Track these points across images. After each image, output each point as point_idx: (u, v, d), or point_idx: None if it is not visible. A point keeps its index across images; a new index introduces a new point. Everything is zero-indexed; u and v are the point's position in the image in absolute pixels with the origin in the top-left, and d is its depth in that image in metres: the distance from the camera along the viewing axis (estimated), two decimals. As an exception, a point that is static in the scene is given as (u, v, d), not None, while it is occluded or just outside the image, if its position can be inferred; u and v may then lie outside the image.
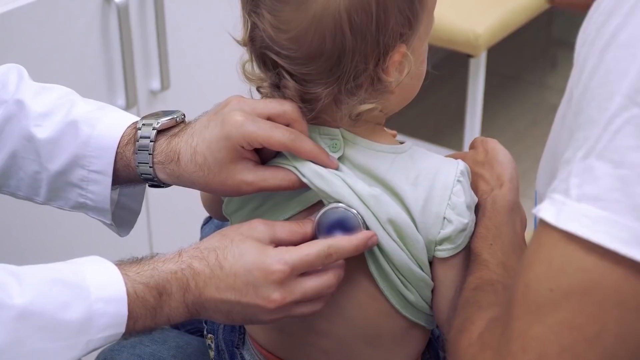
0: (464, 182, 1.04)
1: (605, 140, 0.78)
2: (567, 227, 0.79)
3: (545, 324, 0.80)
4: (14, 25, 1.70)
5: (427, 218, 1.04)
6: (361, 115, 1.02)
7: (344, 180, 1.03)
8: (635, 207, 0.76)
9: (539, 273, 0.81)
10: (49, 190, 1.18)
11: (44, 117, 1.16)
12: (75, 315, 0.95)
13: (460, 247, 1.05)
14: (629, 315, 0.78)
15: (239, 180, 1.05)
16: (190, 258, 1.01)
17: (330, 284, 1.02)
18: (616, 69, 0.78)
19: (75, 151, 1.14)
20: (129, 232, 1.24)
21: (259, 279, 0.99)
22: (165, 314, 1.00)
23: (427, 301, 1.09)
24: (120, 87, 1.91)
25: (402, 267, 1.05)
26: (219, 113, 1.05)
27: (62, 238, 1.90)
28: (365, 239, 1.02)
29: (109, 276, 0.98)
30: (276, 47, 0.98)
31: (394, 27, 0.98)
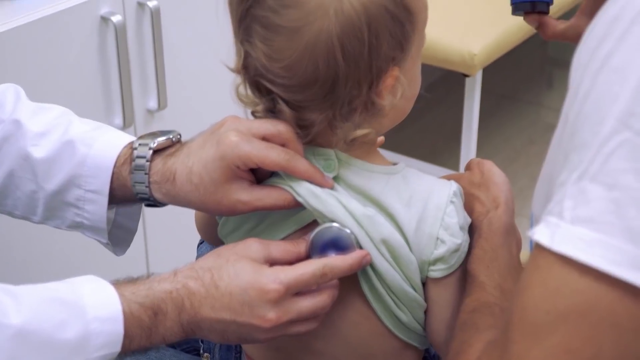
0: (457, 202, 1.05)
1: (598, 163, 0.79)
2: (562, 249, 0.79)
3: (542, 347, 0.80)
4: (12, 44, 1.70)
5: (421, 238, 1.04)
6: (356, 140, 1.02)
7: (339, 199, 1.03)
8: (629, 229, 0.77)
9: (535, 296, 0.82)
10: (46, 210, 1.18)
11: (40, 136, 1.16)
12: (72, 335, 0.95)
13: (453, 268, 1.06)
14: (624, 337, 0.79)
15: (234, 199, 1.05)
16: (186, 278, 1.02)
17: (325, 304, 1.03)
18: (608, 92, 0.79)
19: (71, 171, 1.14)
20: (125, 252, 1.24)
21: (255, 299, 1.00)
22: (160, 333, 1.01)
23: (420, 322, 1.09)
24: (118, 106, 1.92)
25: (395, 288, 1.06)
26: (214, 133, 1.06)
27: (59, 256, 1.90)
28: (360, 259, 1.03)
29: (105, 295, 0.99)
30: (270, 75, 0.99)
31: (386, 51, 0.99)
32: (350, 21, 0.97)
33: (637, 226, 0.76)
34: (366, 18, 0.97)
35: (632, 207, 0.77)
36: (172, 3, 1.96)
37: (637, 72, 0.77)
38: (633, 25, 0.79)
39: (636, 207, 0.76)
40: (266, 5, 0.98)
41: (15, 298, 0.95)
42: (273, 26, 0.98)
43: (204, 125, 1.13)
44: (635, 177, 0.77)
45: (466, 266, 1.07)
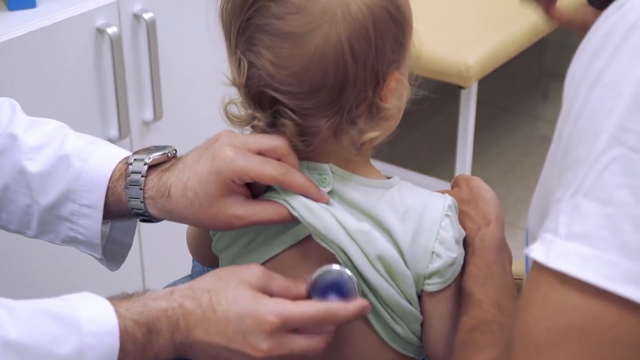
0: (452, 216, 1.05)
1: (591, 178, 0.79)
2: (557, 266, 0.79)
3: None
4: (7, 56, 1.70)
5: (416, 252, 1.04)
6: (365, 144, 1.02)
7: (334, 215, 1.03)
8: (624, 244, 0.77)
9: (536, 314, 0.82)
10: (40, 224, 1.18)
11: (36, 150, 1.16)
12: (68, 350, 0.95)
13: (449, 281, 1.06)
14: (626, 353, 0.79)
15: (229, 214, 1.05)
16: (182, 297, 1.01)
17: (318, 348, 1.03)
18: (602, 108, 0.79)
19: (66, 185, 1.14)
20: (119, 267, 1.24)
21: (250, 327, 0.99)
22: (153, 350, 1.00)
23: (417, 334, 1.09)
24: (113, 117, 1.92)
25: (390, 302, 1.05)
26: (209, 148, 1.06)
27: (54, 271, 1.89)
28: (360, 309, 1.02)
29: (101, 310, 0.98)
30: (276, 83, 0.99)
31: (389, 54, 1.00)
32: (358, 23, 0.97)
33: (632, 241, 0.77)
34: (372, 19, 0.98)
35: (626, 222, 0.77)
36: (168, 15, 1.96)
37: (630, 87, 0.78)
38: (625, 40, 0.80)
39: (631, 222, 0.77)
40: (269, 13, 0.98)
41: (11, 312, 0.95)
42: (279, 33, 0.98)
43: (200, 136, 1.13)
44: (629, 193, 0.77)
45: (461, 284, 1.07)
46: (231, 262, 1.11)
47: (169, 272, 1.63)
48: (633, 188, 0.77)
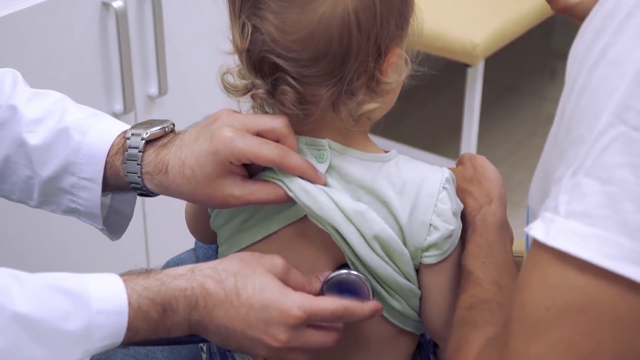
0: (449, 189, 1.06)
1: (593, 157, 0.79)
2: (557, 244, 0.79)
3: (542, 344, 0.80)
4: (12, 29, 1.70)
5: (414, 225, 1.05)
6: (364, 115, 1.02)
7: (330, 196, 1.03)
8: (624, 223, 0.77)
9: (535, 292, 0.82)
10: (41, 195, 1.18)
11: (36, 123, 1.16)
12: (76, 327, 0.96)
13: (446, 254, 1.06)
14: (625, 333, 0.79)
15: (226, 193, 1.06)
16: (204, 277, 1.01)
17: (331, 343, 1.04)
18: (604, 86, 0.79)
19: (66, 158, 1.15)
20: (120, 236, 1.25)
21: (274, 318, 1.00)
22: (166, 328, 1.01)
23: (415, 309, 1.10)
24: (118, 92, 1.91)
25: (387, 280, 1.06)
26: (208, 127, 1.06)
27: (59, 242, 1.90)
28: (374, 310, 1.05)
29: (112, 288, 0.99)
30: (279, 49, 0.99)
31: (393, 28, 1.00)
32: None
33: (633, 220, 0.76)
34: None
35: (627, 201, 0.77)
36: (174, -11, 1.96)
37: (633, 65, 0.77)
38: (629, 18, 0.79)
39: (632, 201, 0.76)
40: None
41: (22, 285, 0.95)
42: None
43: (204, 112, 1.13)
44: (631, 171, 0.77)
45: (461, 261, 1.07)
46: (229, 238, 1.12)
47: (172, 245, 1.63)
48: (634, 167, 0.77)
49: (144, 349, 1.25)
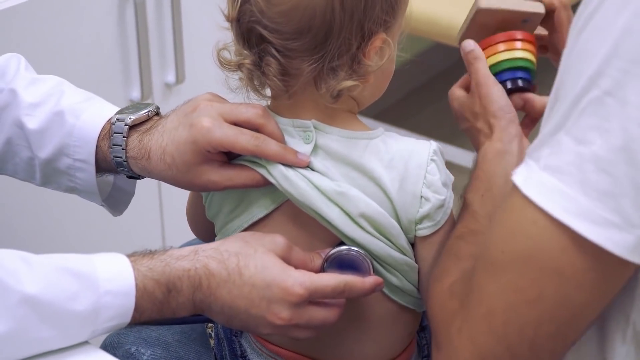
0: (437, 160, 1.08)
1: (573, 117, 0.83)
2: (528, 192, 0.85)
3: (496, 283, 0.87)
4: (31, 18, 1.72)
5: (405, 198, 1.07)
6: (342, 93, 1.05)
7: (310, 180, 1.06)
8: (584, 181, 0.81)
9: (497, 234, 0.88)
10: (43, 176, 1.23)
11: (34, 107, 1.21)
12: (83, 307, 0.99)
13: (439, 224, 1.09)
14: (565, 285, 0.84)
15: (205, 179, 1.10)
16: (207, 258, 1.04)
17: (332, 319, 1.07)
18: (587, 50, 0.83)
19: (61, 140, 1.19)
20: (122, 212, 1.29)
21: (276, 296, 1.03)
22: (171, 308, 1.04)
23: (414, 284, 1.12)
24: (136, 79, 1.94)
25: (382, 256, 1.09)
26: (188, 116, 1.10)
27: (75, 224, 1.92)
28: (375, 285, 1.07)
29: (119, 269, 1.02)
30: (266, 20, 1.02)
31: (379, 12, 1.03)
32: None
33: (591, 180, 0.81)
34: None
35: (590, 162, 0.81)
36: (192, -22, 1.98)
37: (613, 34, 0.81)
38: None
39: (593, 162, 0.81)
40: None
41: (30, 266, 0.98)
42: None
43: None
44: (598, 134, 0.81)
45: (463, 195, 1.10)
46: (222, 227, 1.15)
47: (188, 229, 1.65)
48: (601, 130, 0.81)
49: (155, 332, 1.28)
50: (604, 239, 0.81)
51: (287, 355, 1.15)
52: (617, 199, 0.80)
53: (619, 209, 0.81)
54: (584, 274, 0.84)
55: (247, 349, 1.19)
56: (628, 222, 0.81)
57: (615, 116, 0.80)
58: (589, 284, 0.84)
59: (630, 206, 0.80)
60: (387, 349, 1.16)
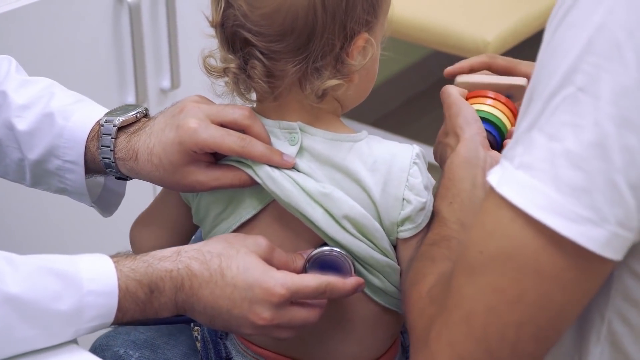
0: (420, 164, 1.09)
1: (547, 114, 0.83)
2: (502, 191, 0.84)
3: (475, 284, 0.87)
4: (26, 22, 1.73)
5: (388, 200, 1.08)
6: (327, 92, 1.06)
7: (296, 181, 1.07)
8: (556, 177, 0.82)
9: (475, 235, 0.88)
10: (33, 177, 1.24)
11: (24, 109, 1.21)
12: (66, 307, 0.99)
13: (421, 226, 1.10)
14: (546, 285, 0.84)
15: (192, 180, 1.11)
16: (190, 259, 1.05)
17: (313, 319, 1.08)
18: (560, 48, 0.84)
19: (50, 142, 1.20)
20: (112, 213, 1.30)
21: (258, 296, 1.04)
22: (154, 308, 1.05)
23: (396, 285, 1.13)
24: (131, 85, 1.95)
25: (364, 257, 1.10)
26: (175, 117, 1.11)
27: (67, 226, 1.93)
28: (356, 286, 1.08)
29: (102, 269, 1.03)
30: (249, 23, 1.03)
31: (360, 12, 1.04)
32: None
33: (564, 176, 0.81)
34: None
35: (562, 157, 0.81)
36: (187, -16, 1.99)
37: (587, 30, 0.82)
38: None
39: (566, 158, 0.81)
40: None
41: (14, 266, 0.99)
42: None
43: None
44: (571, 130, 0.81)
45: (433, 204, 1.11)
46: (210, 230, 1.16)
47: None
48: (574, 126, 0.81)
49: (144, 334, 1.29)
50: (578, 234, 0.81)
51: (270, 357, 1.16)
52: (591, 194, 0.81)
53: (592, 205, 0.81)
54: (564, 273, 0.84)
55: (232, 351, 1.20)
56: (601, 218, 0.81)
57: (588, 112, 0.81)
58: (570, 283, 0.84)
59: (603, 202, 0.81)
60: (370, 350, 1.17)
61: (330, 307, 1.11)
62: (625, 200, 0.81)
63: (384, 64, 1.17)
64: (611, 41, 0.80)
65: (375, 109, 3.17)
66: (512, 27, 2.56)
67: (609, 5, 0.81)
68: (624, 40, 0.80)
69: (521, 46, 2.72)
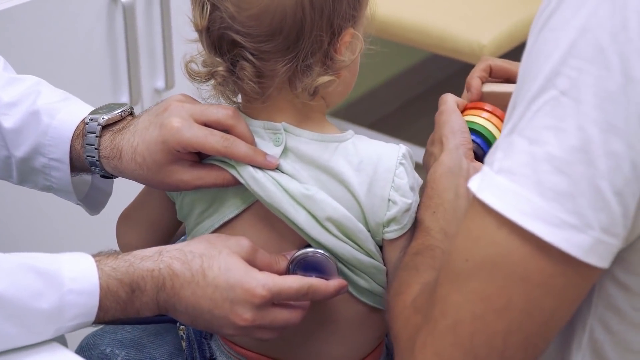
0: (406, 164, 1.09)
1: (527, 118, 0.83)
2: (482, 196, 0.84)
3: (461, 292, 0.86)
4: (20, 21, 1.73)
5: (373, 201, 1.08)
6: (319, 89, 1.06)
7: (279, 183, 1.07)
8: (539, 182, 0.81)
9: (459, 243, 0.87)
10: (19, 174, 1.24)
11: (10, 106, 1.22)
12: (47, 305, 1.00)
13: (406, 228, 1.10)
14: (534, 292, 0.83)
15: (176, 179, 1.11)
16: (171, 259, 1.05)
17: (295, 321, 1.08)
18: (543, 51, 0.83)
19: (36, 140, 1.20)
20: (99, 212, 1.30)
21: (239, 297, 1.04)
22: (135, 307, 1.05)
23: (383, 285, 1.12)
24: (125, 85, 1.95)
25: (348, 259, 1.09)
26: (159, 116, 1.11)
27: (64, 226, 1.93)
28: (339, 287, 1.08)
29: (83, 268, 1.03)
30: (237, 25, 1.03)
31: (346, 7, 1.05)
32: None
33: (547, 181, 0.80)
34: None
35: (545, 162, 0.80)
36: (182, -16, 1.99)
37: (569, 34, 0.81)
38: None
39: (548, 163, 0.80)
40: None
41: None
42: None
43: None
44: (553, 134, 0.81)
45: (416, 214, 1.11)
46: (193, 228, 1.16)
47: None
48: (557, 130, 0.80)
49: (130, 334, 1.29)
50: (561, 240, 0.80)
51: (253, 357, 1.16)
52: (574, 199, 0.80)
53: (576, 210, 0.80)
54: (552, 279, 0.83)
55: (216, 352, 1.20)
56: (585, 224, 0.80)
57: (571, 116, 0.80)
58: (558, 290, 0.83)
59: (587, 207, 0.80)
60: (355, 351, 1.17)
61: (315, 308, 1.11)
62: (610, 207, 0.80)
63: (382, 66, 1.19)
64: (594, 44, 0.80)
65: (372, 111, 3.17)
66: (508, 31, 2.55)
67: (592, 8, 0.80)
68: (607, 44, 0.79)
69: (517, 50, 2.72)
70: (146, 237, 1.19)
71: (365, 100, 3.11)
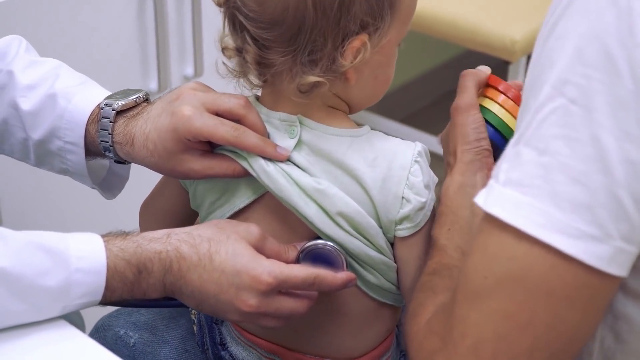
0: (421, 162, 1.07)
1: (533, 128, 0.81)
2: (492, 210, 0.81)
3: (481, 311, 0.83)
4: (51, 6, 1.75)
5: (386, 198, 1.07)
6: (306, 88, 1.04)
7: (290, 176, 1.07)
8: (554, 194, 0.79)
9: (476, 260, 0.84)
10: (36, 157, 1.25)
11: (29, 89, 1.22)
12: (54, 283, 1.00)
13: (419, 226, 1.08)
14: (558, 305, 0.81)
15: (186, 167, 1.11)
16: (179, 241, 1.05)
17: (302, 310, 1.07)
18: (549, 59, 0.81)
19: (52, 123, 1.20)
20: (115, 196, 1.30)
21: (245, 283, 1.03)
22: (142, 288, 1.05)
23: (393, 282, 1.12)
24: (154, 71, 1.96)
25: (358, 254, 1.09)
26: (171, 104, 1.11)
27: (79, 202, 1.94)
28: (347, 281, 1.07)
29: (91, 248, 1.03)
30: (244, 8, 1.03)
31: (357, 12, 1.01)
32: None
33: (563, 192, 0.78)
34: None
35: (559, 172, 0.78)
36: (213, -28, 1.99)
37: (574, 41, 0.79)
38: None
39: (563, 173, 0.78)
40: None
41: (4, 241, 1.00)
42: None
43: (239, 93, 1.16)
44: (565, 144, 0.78)
45: (430, 232, 1.09)
46: (205, 217, 1.16)
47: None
48: (568, 139, 0.78)
49: (145, 317, 1.30)
50: (582, 251, 0.78)
51: (264, 346, 1.16)
52: (593, 209, 0.78)
53: (595, 220, 0.78)
54: (576, 292, 0.80)
55: (226, 337, 1.20)
56: (605, 233, 0.78)
57: (583, 125, 0.78)
58: (582, 302, 0.81)
59: (606, 217, 0.78)
60: (364, 343, 1.16)
61: (325, 300, 1.10)
62: (629, 215, 0.78)
63: (415, 62, 1.16)
64: (602, 51, 0.78)
65: (404, 106, 3.16)
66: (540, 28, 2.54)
67: (597, 15, 0.79)
68: (615, 50, 0.78)
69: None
70: (163, 226, 1.19)
71: (397, 95, 3.10)
